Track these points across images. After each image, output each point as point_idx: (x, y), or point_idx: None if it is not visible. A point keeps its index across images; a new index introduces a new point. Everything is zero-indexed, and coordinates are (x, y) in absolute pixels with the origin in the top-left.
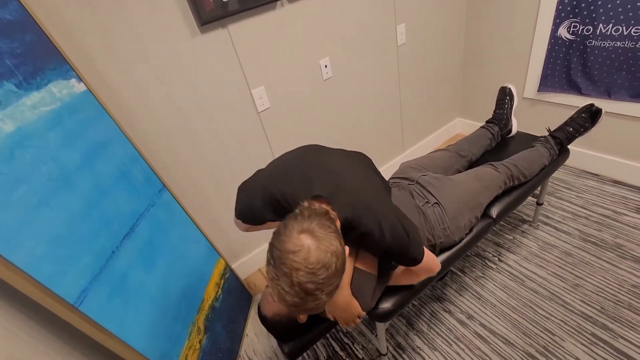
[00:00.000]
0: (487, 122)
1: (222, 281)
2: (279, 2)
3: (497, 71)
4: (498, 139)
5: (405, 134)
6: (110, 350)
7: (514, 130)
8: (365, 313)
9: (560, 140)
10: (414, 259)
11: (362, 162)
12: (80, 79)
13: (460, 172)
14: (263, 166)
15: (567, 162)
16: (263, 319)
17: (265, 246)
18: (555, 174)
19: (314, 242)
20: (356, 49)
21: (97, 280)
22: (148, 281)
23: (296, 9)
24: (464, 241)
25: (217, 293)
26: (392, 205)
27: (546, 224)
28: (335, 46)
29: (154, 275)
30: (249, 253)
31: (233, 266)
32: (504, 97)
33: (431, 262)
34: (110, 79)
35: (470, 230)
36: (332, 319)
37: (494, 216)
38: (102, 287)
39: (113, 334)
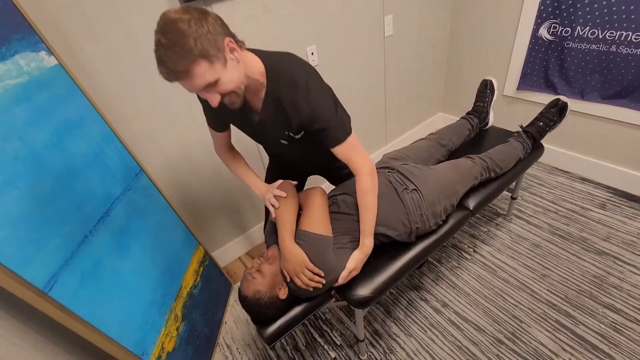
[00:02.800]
0: (467, 113)
1: (201, 269)
2: None
3: (480, 68)
4: (476, 131)
5: (388, 127)
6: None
7: (490, 123)
8: (314, 267)
9: (532, 134)
10: (343, 127)
11: None
12: (50, 51)
13: (440, 162)
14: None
15: (541, 160)
16: (244, 300)
17: (245, 235)
18: (530, 170)
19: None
20: (344, 38)
21: (69, 265)
22: (123, 267)
23: None
24: (442, 231)
25: (195, 280)
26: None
27: (519, 217)
28: (322, 34)
29: (130, 261)
30: (229, 241)
31: (213, 254)
32: (485, 89)
33: (362, 149)
34: (84, 53)
35: (447, 218)
36: (288, 279)
37: (471, 208)
38: (73, 273)
39: (84, 320)
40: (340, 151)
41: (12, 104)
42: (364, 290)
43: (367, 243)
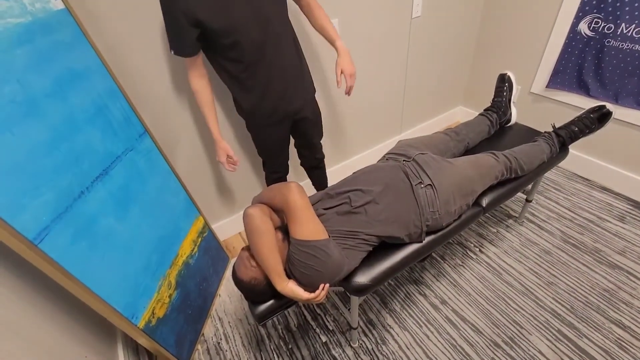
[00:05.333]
0: (485, 109)
1: (200, 239)
2: None
3: (509, 62)
4: (496, 127)
5: (405, 114)
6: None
7: (513, 120)
8: (316, 293)
9: (564, 138)
10: None
11: None
12: None
13: (456, 157)
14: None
15: (561, 164)
16: (238, 283)
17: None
18: (547, 174)
19: None
20: (368, 13)
21: (62, 219)
22: (119, 228)
23: None
24: (450, 227)
25: (192, 250)
26: None
27: (531, 221)
28: (347, 7)
29: (126, 223)
30: (231, 215)
31: (213, 226)
32: (503, 84)
33: None
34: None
35: (459, 217)
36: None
37: (484, 205)
38: (66, 228)
39: (73, 276)
40: None
41: (13, 44)
42: (362, 278)
43: (339, 44)
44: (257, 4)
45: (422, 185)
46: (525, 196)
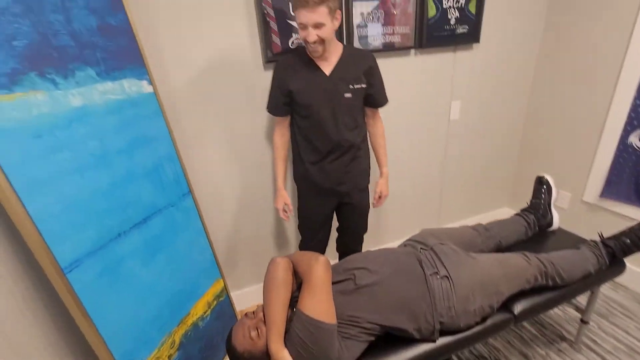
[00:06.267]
0: (522, 210)
1: (215, 302)
2: None
3: (556, 166)
4: (535, 229)
5: (443, 210)
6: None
7: (555, 224)
8: None
9: (613, 250)
10: (386, 96)
11: None
12: (150, 82)
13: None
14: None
15: (630, 284)
16: (232, 350)
17: None
18: (612, 295)
19: None
20: (407, 107)
21: (94, 255)
22: (142, 274)
23: None
24: (473, 330)
25: (205, 312)
26: None
27: (591, 349)
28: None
29: (150, 270)
30: (253, 285)
31: (232, 293)
32: (540, 186)
33: None
34: (178, 88)
35: (483, 320)
36: None
37: (516, 313)
38: (95, 264)
39: (85, 311)
40: (377, 110)
41: (107, 112)
42: None
43: (385, 170)
44: (332, 95)
45: (438, 276)
46: (579, 315)
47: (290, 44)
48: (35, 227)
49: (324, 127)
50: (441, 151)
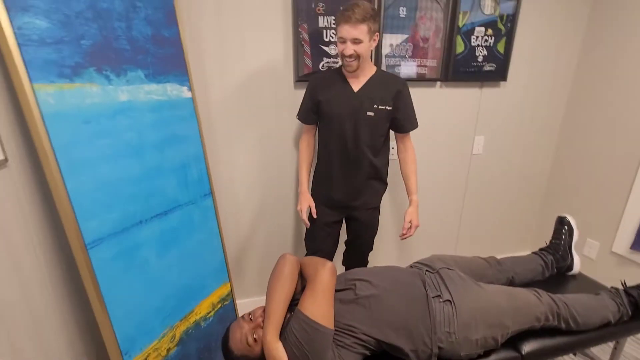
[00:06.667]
0: (540, 249)
1: (219, 305)
2: None
3: (585, 213)
4: (552, 271)
5: (459, 246)
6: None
7: (576, 268)
8: None
9: (636, 299)
10: (415, 121)
11: None
12: (190, 88)
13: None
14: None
15: None
16: (228, 351)
17: None
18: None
19: None
20: (428, 139)
21: (115, 237)
22: (154, 263)
23: None
24: None
25: (208, 313)
26: None
27: None
28: None
29: (162, 261)
30: (258, 296)
31: (238, 300)
32: (561, 227)
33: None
34: (214, 97)
35: (487, 354)
36: None
37: (523, 352)
38: (114, 245)
39: (99, 290)
40: (407, 136)
41: (148, 110)
42: None
43: (414, 198)
44: (355, 111)
45: (440, 300)
46: None
47: (320, 66)
48: (70, 202)
49: (344, 141)
50: (461, 184)
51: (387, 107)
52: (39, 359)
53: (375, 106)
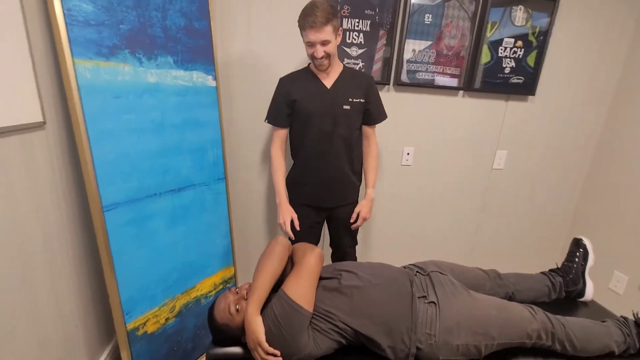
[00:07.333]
0: (550, 270)
1: (221, 287)
2: (386, 86)
3: (615, 244)
4: (561, 294)
5: (472, 262)
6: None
7: (588, 295)
8: (269, 348)
9: None
10: (384, 112)
11: None
12: (215, 77)
13: None
14: None
15: None
16: (211, 320)
17: None
18: None
19: None
20: (445, 147)
21: (129, 204)
22: (162, 235)
23: (402, 97)
24: None
25: (209, 291)
26: None
27: None
28: (423, 138)
29: (170, 234)
30: None
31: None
32: (576, 249)
33: None
34: (237, 88)
35: None
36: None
37: None
38: (128, 212)
39: (110, 251)
40: (374, 131)
41: (173, 93)
42: None
43: (370, 193)
44: (331, 106)
45: (426, 301)
46: None
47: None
48: (93, 167)
49: (322, 136)
50: (478, 199)
51: (361, 100)
52: (52, 301)
53: (350, 99)
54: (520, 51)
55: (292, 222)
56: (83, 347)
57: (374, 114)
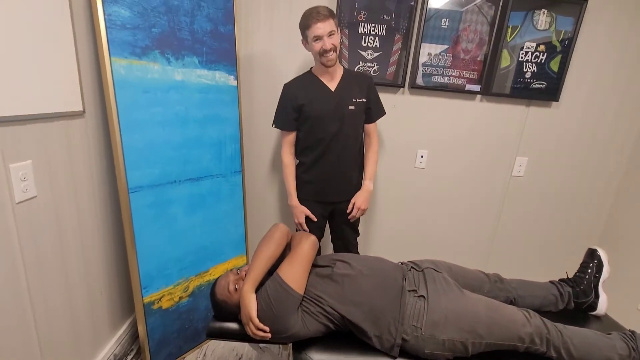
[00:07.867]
0: (560, 279)
1: None
2: (400, 89)
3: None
4: (569, 305)
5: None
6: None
7: (600, 309)
8: (259, 324)
9: None
10: (383, 109)
11: None
12: (236, 77)
13: None
14: None
15: None
16: (213, 295)
17: None
18: None
19: None
20: (462, 152)
21: (153, 188)
22: (180, 219)
23: (417, 100)
24: None
25: None
26: None
27: None
28: (438, 141)
29: (187, 219)
30: None
31: None
32: (590, 260)
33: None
34: (257, 88)
35: None
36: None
37: None
38: (151, 195)
39: (132, 228)
40: (375, 128)
41: (197, 90)
42: (316, 355)
43: (368, 184)
44: (337, 108)
45: (415, 295)
46: None
47: (355, 69)
48: (122, 153)
49: (330, 137)
50: (496, 206)
51: (363, 100)
52: (82, 269)
53: (354, 100)
54: (543, 56)
55: (307, 218)
56: (107, 317)
57: (374, 111)
